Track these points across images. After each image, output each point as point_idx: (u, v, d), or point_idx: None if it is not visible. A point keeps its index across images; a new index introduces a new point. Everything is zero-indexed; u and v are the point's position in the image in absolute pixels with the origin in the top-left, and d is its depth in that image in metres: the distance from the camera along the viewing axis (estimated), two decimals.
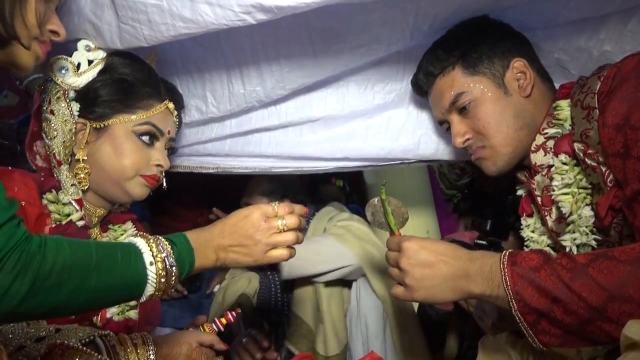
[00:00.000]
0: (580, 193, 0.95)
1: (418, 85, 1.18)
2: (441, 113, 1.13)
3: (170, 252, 0.77)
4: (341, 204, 1.85)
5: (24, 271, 0.58)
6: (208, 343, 0.99)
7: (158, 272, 0.75)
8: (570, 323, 0.76)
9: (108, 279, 0.69)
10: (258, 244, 0.86)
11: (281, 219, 0.88)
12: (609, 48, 1.09)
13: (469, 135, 1.09)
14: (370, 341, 1.53)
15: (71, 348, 0.77)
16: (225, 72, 1.22)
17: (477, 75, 1.07)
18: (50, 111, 1.04)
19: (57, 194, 1.01)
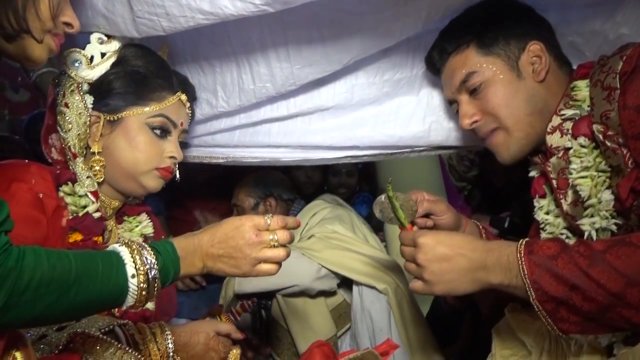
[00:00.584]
0: (600, 176, 0.93)
1: (431, 62, 1.16)
2: (451, 92, 1.11)
3: (154, 263, 0.75)
4: (334, 196, 1.84)
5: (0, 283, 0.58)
6: (225, 332, 1.00)
7: (139, 284, 0.73)
8: (589, 310, 0.76)
9: (87, 293, 0.68)
10: (247, 257, 0.84)
11: (273, 234, 0.86)
12: (625, 31, 1.07)
13: (477, 117, 1.07)
14: (376, 335, 1.53)
15: (92, 337, 0.78)
16: (236, 68, 1.22)
17: (491, 55, 1.05)
18: (65, 104, 1.05)
19: (73, 187, 1.02)
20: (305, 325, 1.56)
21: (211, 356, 0.95)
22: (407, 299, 1.58)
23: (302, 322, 1.56)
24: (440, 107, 1.28)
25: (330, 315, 1.59)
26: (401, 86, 1.28)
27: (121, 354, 0.80)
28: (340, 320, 1.62)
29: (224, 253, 0.84)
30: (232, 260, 0.84)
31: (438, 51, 1.12)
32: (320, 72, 1.20)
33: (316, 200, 1.77)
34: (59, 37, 0.84)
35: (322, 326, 1.56)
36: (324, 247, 1.56)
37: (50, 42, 0.81)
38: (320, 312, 1.57)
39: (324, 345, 0.90)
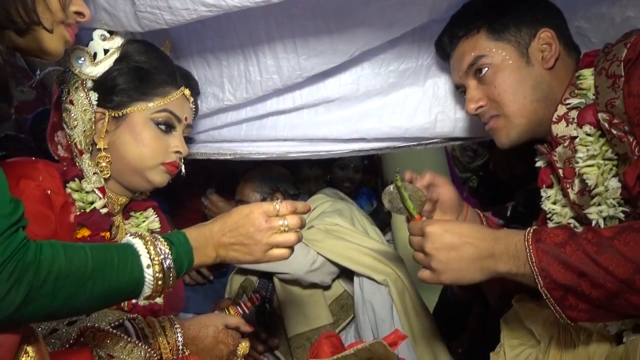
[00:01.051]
0: (607, 164, 0.93)
1: (441, 47, 1.16)
2: (459, 76, 1.11)
3: (168, 254, 0.76)
4: (335, 190, 1.84)
5: (19, 281, 0.59)
6: (234, 325, 1.01)
7: (155, 274, 0.74)
8: (598, 297, 0.76)
9: (104, 285, 0.69)
10: (259, 243, 0.85)
11: (282, 219, 0.87)
12: (632, 14, 1.06)
13: (483, 103, 1.07)
14: (379, 326, 1.53)
15: (102, 331, 0.79)
16: (242, 59, 1.22)
17: (501, 41, 1.04)
18: (70, 101, 1.05)
19: (80, 183, 1.03)
20: (298, 311, 1.57)
21: (220, 349, 0.96)
22: (408, 290, 1.58)
23: (295, 308, 1.57)
24: (446, 97, 1.28)
25: (325, 303, 1.59)
26: (407, 77, 1.27)
27: (131, 347, 0.81)
28: (343, 311, 1.62)
29: (235, 241, 0.85)
30: (244, 247, 0.85)
31: (449, 35, 1.12)
32: (327, 63, 1.19)
33: (317, 194, 1.78)
34: (73, 28, 0.83)
35: (316, 314, 1.56)
36: (324, 238, 1.56)
37: (65, 32, 0.81)
38: (315, 301, 1.57)
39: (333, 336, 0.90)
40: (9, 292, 0.58)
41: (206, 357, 0.94)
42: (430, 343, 1.55)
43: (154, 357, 0.84)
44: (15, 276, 0.58)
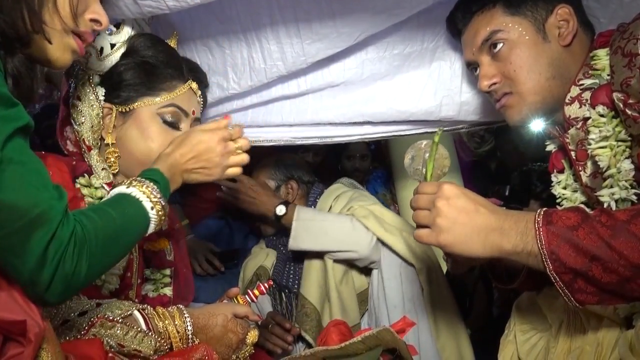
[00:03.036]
0: (620, 146, 0.91)
1: (454, 22, 1.13)
2: (472, 53, 1.08)
3: (159, 193, 0.86)
4: (351, 180, 1.83)
5: (81, 254, 0.67)
6: (242, 314, 1.01)
7: (158, 212, 0.85)
8: (609, 282, 0.75)
9: (130, 233, 0.80)
10: (218, 165, 0.97)
11: (236, 141, 0.99)
12: None
13: (497, 79, 1.04)
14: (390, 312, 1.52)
15: (112, 321, 0.80)
16: (246, 47, 1.22)
17: (517, 16, 1.02)
18: (77, 97, 1.06)
19: (89, 178, 1.04)
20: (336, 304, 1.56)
21: (229, 338, 0.97)
22: (436, 274, 1.57)
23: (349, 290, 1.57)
24: (451, 81, 1.26)
25: (356, 303, 1.58)
26: (412, 60, 1.26)
27: (141, 336, 0.82)
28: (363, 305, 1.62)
29: (198, 166, 0.96)
30: (205, 170, 0.97)
31: (462, 10, 1.10)
32: (331, 47, 1.19)
33: (335, 184, 1.77)
34: (87, 36, 0.81)
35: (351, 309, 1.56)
36: (369, 216, 1.55)
37: (72, 42, 0.78)
38: (351, 297, 1.57)
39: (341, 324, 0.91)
40: (75, 268, 0.66)
41: (215, 345, 0.94)
42: (454, 330, 1.54)
43: (164, 346, 0.86)
44: (77, 254, 0.66)
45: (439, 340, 1.52)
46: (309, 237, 1.48)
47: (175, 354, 0.86)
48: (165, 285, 1.15)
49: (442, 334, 1.53)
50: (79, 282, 0.67)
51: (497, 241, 0.82)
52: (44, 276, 0.63)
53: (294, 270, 1.65)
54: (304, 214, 1.51)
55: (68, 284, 0.65)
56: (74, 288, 0.68)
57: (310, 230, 1.48)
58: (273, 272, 1.67)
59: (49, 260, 0.63)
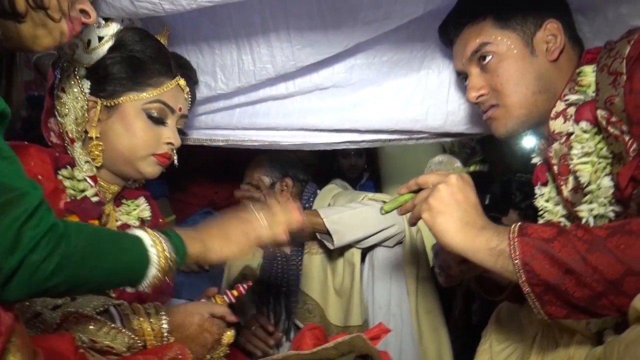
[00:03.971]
0: (600, 162, 0.92)
1: (445, 32, 1.15)
2: (462, 63, 1.10)
3: (165, 238, 0.81)
4: (344, 182, 1.84)
5: (54, 251, 0.64)
6: (219, 314, 1.01)
7: (159, 253, 0.78)
8: (581, 296, 0.75)
9: (116, 257, 0.74)
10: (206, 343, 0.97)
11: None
12: (624, 10, 1.04)
13: (484, 91, 1.06)
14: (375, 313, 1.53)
15: (85, 316, 0.80)
16: (236, 48, 1.22)
17: (507, 29, 1.03)
18: (62, 89, 1.05)
19: (72, 171, 1.03)
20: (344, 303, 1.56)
21: (205, 337, 0.97)
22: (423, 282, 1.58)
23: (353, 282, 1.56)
24: (438, 90, 1.27)
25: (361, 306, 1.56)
26: (400, 67, 1.27)
27: (115, 333, 0.82)
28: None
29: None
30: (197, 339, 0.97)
31: (454, 21, 1.11)
32: (321, 53, 1.19)
33: (330, 184, 1.78)
34: (76, 23, 0.81)
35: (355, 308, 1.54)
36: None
37: (63, 25, 0.79)
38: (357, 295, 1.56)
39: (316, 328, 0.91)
40: (45, 261, 0.62)
41: (191, 344, 0.94)
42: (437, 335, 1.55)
43: (138, 343, 0.85)
44: (52, 246, 0.63)
45: (421, 345, 1.52)
46: (350, 229, 1.46)
47: (148, 351, 0.85)
48: None
49: (425, 339, 1.54)
50: (43, 278, 0.63)
51: (473, 234, 0.84)
52: (12, 261, 0.60)
53: (282, 269, 1.64)
54: (329, 212, 1.49)
55: (32, 276, 0.62)
56: (36, 284, 0.63)
57: (348, 223, 1.46)
58: (260, 272, 1.66)
59: (23, 244, 0.60)
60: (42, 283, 0.63)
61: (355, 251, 1.54)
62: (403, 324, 1.50)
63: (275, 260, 1.66)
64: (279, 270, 1.65)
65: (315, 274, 1.58)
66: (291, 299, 1.60)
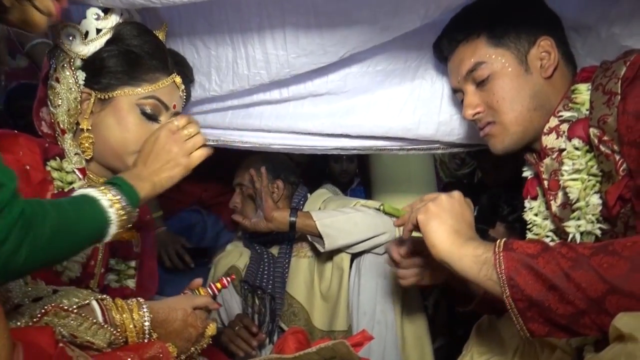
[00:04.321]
0: (590, 180, 0.94)
1: (440, 49, 1.16)
2: (457, 81, 1.11)
3: (120, 193, 0.84)
4: (335, 187, 1.84)
5: (24, 239, 0.64)
6: (202, 305, 1.01)
7: (118, 211, 0.82)
8: (563, 314, 0.76)
9: (85, 229, 0.78)
10: (178, 153, 0.96)
11: (185, 129, 0.98)
12: (617, 30, 1.06)
13: (480, 109, 1.07)
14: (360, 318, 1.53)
15: (66, 310, 0.79)
16: (231, 51, 1.22)
17: (500, 47, 1.04)
18: (56, 79, 1.04)
19: (60, 162, 1.02)
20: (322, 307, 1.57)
21: (189, 332, 0.96)
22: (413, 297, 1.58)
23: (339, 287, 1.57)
24: (431, 100, 1.28)
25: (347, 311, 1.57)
26: (394, 77, 1.28)
27: (96, 328, 0.81)
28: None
29: (159, 163, 0.95)
30: (170, 162, 0.95)
31: (448, 39, 1.12)
32: (316, 62, 1.20)
33: (321, 189, 1.78)
34: (62, 2, 0.82)
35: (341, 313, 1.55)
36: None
37: (50, 4, 0.79)
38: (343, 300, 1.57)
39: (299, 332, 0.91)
40: (16, 250, 0.63)
41: (175, 340, 0.94)
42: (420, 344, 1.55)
43: (120, 339, 0.84)
44: (22, 235, 0.63)
45: (404, 352, 1.53)
46: (342, 233, 1.48)
47: (129, 348, 0.84)
48: (129, 277, 1.14)
49: (407, 346, 1.54)
50: (17, 266, 0.64)
51: (461, 243, 0.86)
52: None
53: (268, 271, 1.64)
54: (322, 215, 1.51)
55: (4, 265, 0.62)
56: (10, 273, 0.65)
57: (340, 227, 1.47)
58: (246, 273, 1.66)
59: None
60: (15, 270, 0.65)
61: (344, 256, 1.55)
62: (387, 331, 1.50)
63: (261, 262, 1.66)
64: (265, 271, 1.64)
65: (302, 277, 1.58)
66: (276, 301, 1.60)
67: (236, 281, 1.66)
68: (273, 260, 1.65)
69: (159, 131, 0.97)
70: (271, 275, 1.63)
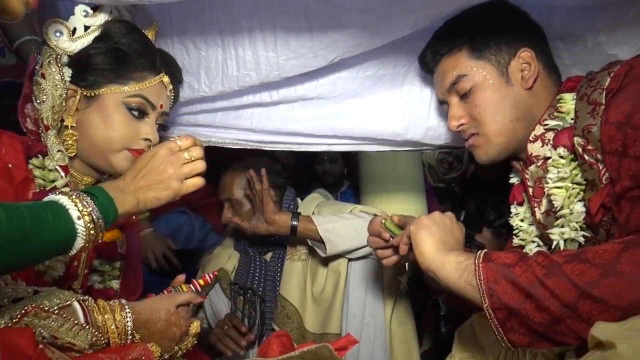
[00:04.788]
0: (574, 188, 0.95)
1: (424, 62, 1.18)
2: (442, 93, 1.13)
3: (93, 205, 0.80)
4: (327, 192, 1.84)
5: None
6: (185, 301, 1.01)
7: (86, 225, 0.78)
8: (540, 321, 0.77)
9: (42, 240, 0.72)
10: (172, 176, 0.90)
11: (187, 152, 0.92)
12: (603, 39, 1.08)
13: (464, 120, 1.09)
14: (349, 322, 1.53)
15: (47, 311, 0.77)
16: (221, 52, 1.22)
17: (481, 60, 1.06)
18: (42, 75, 1.03)
19: (43, 160, 1.01)
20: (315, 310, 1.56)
21: (173, 331, 0.96)
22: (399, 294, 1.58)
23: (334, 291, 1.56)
24: (419, 105, 1.30)
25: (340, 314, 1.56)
26: (383, 82, 1.29)
27: (77, 330, 0.80)
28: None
29: (150, 181, 0.90)
30: (160, 184, 0.90)
31: (431, 52, 1.14)
32: (306, 66, 1.20)
33: (313, 193, 1.78)
34: None
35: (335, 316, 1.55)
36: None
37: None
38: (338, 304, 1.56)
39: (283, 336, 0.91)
40: None
41: (159, 340, 0.93)
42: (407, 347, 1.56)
43: (102, 340, 0.83)
44: None
45: (392, 356, 1.53)
46: (342, 239, 1.47)
47: (111, 350, 0.83)
48: (113, 278, 1.12)
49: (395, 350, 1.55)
50: None
51: (446, 252, 0.90)
52: None
53: (259, 273, 1.63)
54: (322, 220, 1.50)
55: None
56: None
57: (341, 233, 1.47)
58: (235, 275, 1.65)
59: None
60: None
61: (342, 261, 1.54)
62: (375, 334, 1.51)
63: (252, 264, 1.65)
64: (257, 274, 1.63)
65: (296, 280, 1.58)
66: (266, 304, 1.60)
67: (225, 284, 1.65)
68: (265, 263, 1.65)
69: (158, 147, 0.92)
70: (262, 277, 1.62)
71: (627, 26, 1.06)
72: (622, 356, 0.64)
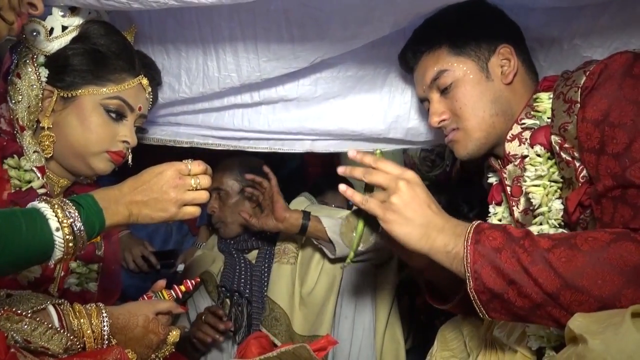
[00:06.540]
0: (552, 186, 0.96)
1: (405, 60, 1.18)
2: (423, 90, 1.13)
3: (77, 216, 0.77)
4: (311, 196, 1.84)
5: None
6: (165, 310, 0.99)
7: (65, 237, 0.75)
8: (522, 306, 0.78)
9: (13, 250, 0.69)
10: (172, 200, 0.87)
11: (195, 178, 0.89)
12: (578, 42, 1.10)
13: (446, 116, 1.09)
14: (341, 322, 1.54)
15: (20, 315, 0.76)
16: (202, 54, 1.21)
17: (462, 56, 1.07)
18: (17, 74, 1.02)
19: (18, 160, 0.99)
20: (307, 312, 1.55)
21: (150, 338, 0.94)
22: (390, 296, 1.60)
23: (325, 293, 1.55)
24: (400, 106, 1.31)
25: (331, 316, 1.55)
26: (364, 83, 1.30)
27: (51, 334, 0.78)
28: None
29: (148, 198, 0.86)
30: (158, 204, 0.86)
31: (412, 50, 1.14)
32: (287, 67, 1.20)
33: (299, 197, 1.77)
34: (22, 18, 0.81)
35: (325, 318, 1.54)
36: None
37: (14, 18, 0.78)
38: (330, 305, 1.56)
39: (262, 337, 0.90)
40: None
41: (135, 346, 0.91)
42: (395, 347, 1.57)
43: (77, 345, 0.82)
44: None
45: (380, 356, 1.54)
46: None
47: (87, 354, 0.82)
48: (91, 280, 1.11)
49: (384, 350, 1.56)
50: None
51: (433, 237, 0.84)
52: None
53: (245, 275, 1.63)
54: (330, 222, 1.48)
55: None
56: None
57: None
58: (222, 277, 1.64)
59: None
60: None
61: (339, 263, 1.54)
62: (364, 334, 1.52)
63: (237, 266, 1.64)
64: (242, 276, 1.63)
65: (284, 282, 1.57)
66: (253, 306, 1.59)
67: (210, 286, 1.64)
68: (250, 265, 1.64)
69: (167, 166, 0.88)
70: (248, 279, 1.62)
71: (601, 30, 1.08)
72: (594, 351, 0.64)
